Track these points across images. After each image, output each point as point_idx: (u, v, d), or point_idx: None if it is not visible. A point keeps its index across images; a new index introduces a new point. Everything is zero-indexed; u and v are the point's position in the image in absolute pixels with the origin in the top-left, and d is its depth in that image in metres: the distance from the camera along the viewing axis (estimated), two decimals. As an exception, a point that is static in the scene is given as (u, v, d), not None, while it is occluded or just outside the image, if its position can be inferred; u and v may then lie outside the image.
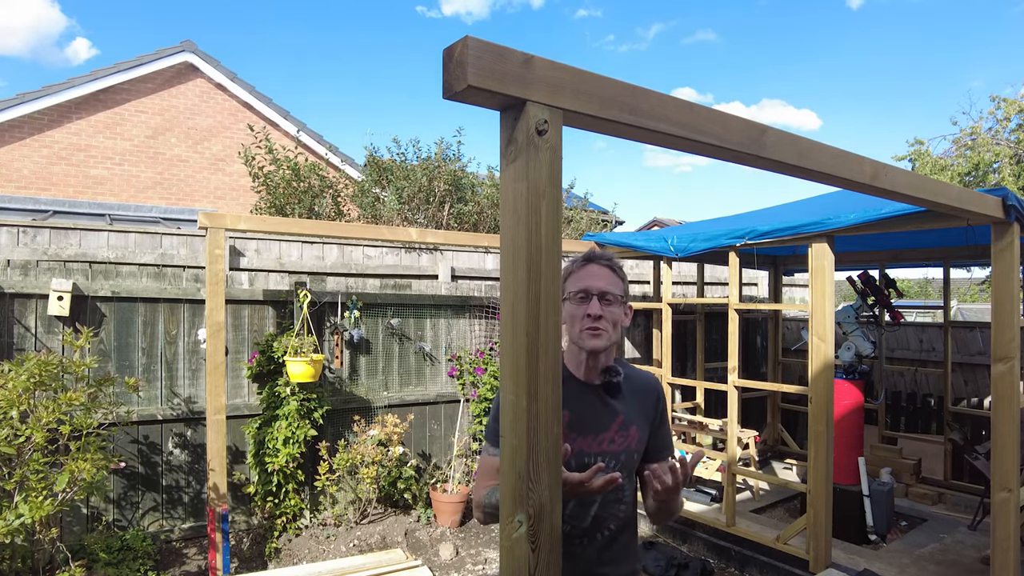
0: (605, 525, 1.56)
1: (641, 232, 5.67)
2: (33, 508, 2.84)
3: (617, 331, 1.56)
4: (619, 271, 1.59)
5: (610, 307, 1.53)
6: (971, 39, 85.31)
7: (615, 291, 1.54)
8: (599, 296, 1.52)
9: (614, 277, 1.56)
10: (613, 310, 1.53)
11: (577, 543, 1.55)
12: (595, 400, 1.57)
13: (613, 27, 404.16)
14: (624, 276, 1.60)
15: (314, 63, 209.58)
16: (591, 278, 1.55)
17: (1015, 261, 2.66)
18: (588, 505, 1.54)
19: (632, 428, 1.57)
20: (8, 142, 8.90)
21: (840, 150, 1.60)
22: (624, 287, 1.58)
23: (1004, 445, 2.70)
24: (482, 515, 1.53)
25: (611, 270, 1.57)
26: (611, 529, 1.57)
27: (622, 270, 1.61)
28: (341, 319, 4.82)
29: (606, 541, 1.56)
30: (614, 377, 1.57)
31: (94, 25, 58.79)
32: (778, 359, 6.20)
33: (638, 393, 1.62)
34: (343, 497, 4.70)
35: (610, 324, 1.53)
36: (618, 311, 1.55)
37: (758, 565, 4.01)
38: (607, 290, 1.53)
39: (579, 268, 1.58)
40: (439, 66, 0.94)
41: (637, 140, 1.21)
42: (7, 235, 4.11)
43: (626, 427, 1.57)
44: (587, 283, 1.54)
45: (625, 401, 1.59)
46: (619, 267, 1.60)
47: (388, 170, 8.11)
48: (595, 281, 1.54)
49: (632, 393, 1.61)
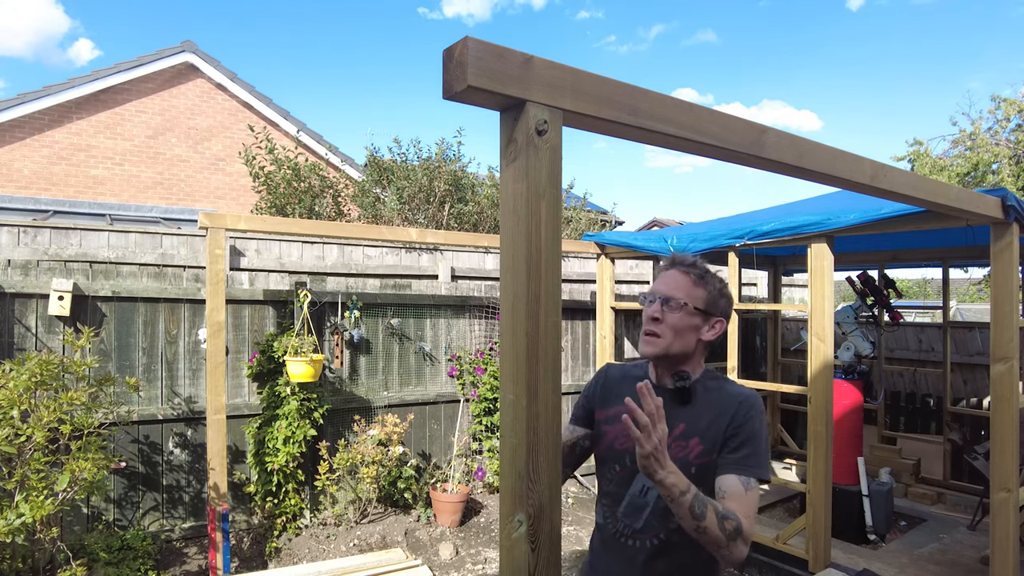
0: (658, 533, 1.48)
1: (641, 232, 5.67)
2: (34, 507, 2.85)
3: (681, 340, 1.50)
4: (701, 279, 1.52)
5: (673, 313, 1.49)
6: (970, 41, 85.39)
7: (683, 298, 1.49)
8: (663, 301, 1.50)
9: (691, 285, 1.51)
10: (677, 316, 1.49)
11: (627, 544, 1.51)
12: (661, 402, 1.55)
13: (614, 28, 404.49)
14: (710, 286, 1.52)
15: (315, 64, 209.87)
16: (663, 281, 1.53)
17: (1014, 261, 2.67)
18: (641, 508, 1.49)
19: (693, 440, 1.47)
20: (9, 142, 8.90)
21: (840, 150, 1.61)
22: (706, 298, 1.51)
23: (1003, 445, 2.71)
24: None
25: (690, 277, 1.52)
26: (662, 539, 1.47)
27: (708, 280, 1.53)
28: (341, 319, 4.83)
29: (656, 550, 1.48)
30: (678, 382, 1.51)
31: (97, 26, 58.79)
32: (777, 359, 6.20)
33: (715, 406, 1.49)
34: (343, 497, 4.70)
35: (669, 330, 1.48)
36: (684, 319, 1.49)
37: (757, 565, 4.02)
38: (672, 296, 1.49)
39: (662, 271, 1.56)
40: (440, 67, 0.95)
41: (637, 140, 1.22)
42: (8, 235, 4.11)
43: (686, 437, 1.47)
44: (657, 286, 1.53)
45: (695, 412, 1.50)
46: (702, 275, 1.53)
47: (388, 170, 8.11)
48: (663, 285, 1.52)
49: (707, 405, 1.50)
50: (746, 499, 1.38)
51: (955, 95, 48.20)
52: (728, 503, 1.37)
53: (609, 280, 5.35)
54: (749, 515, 1.36)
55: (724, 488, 1.40)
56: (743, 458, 1.42)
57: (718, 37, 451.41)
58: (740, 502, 1.37)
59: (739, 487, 1.39)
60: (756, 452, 1.44)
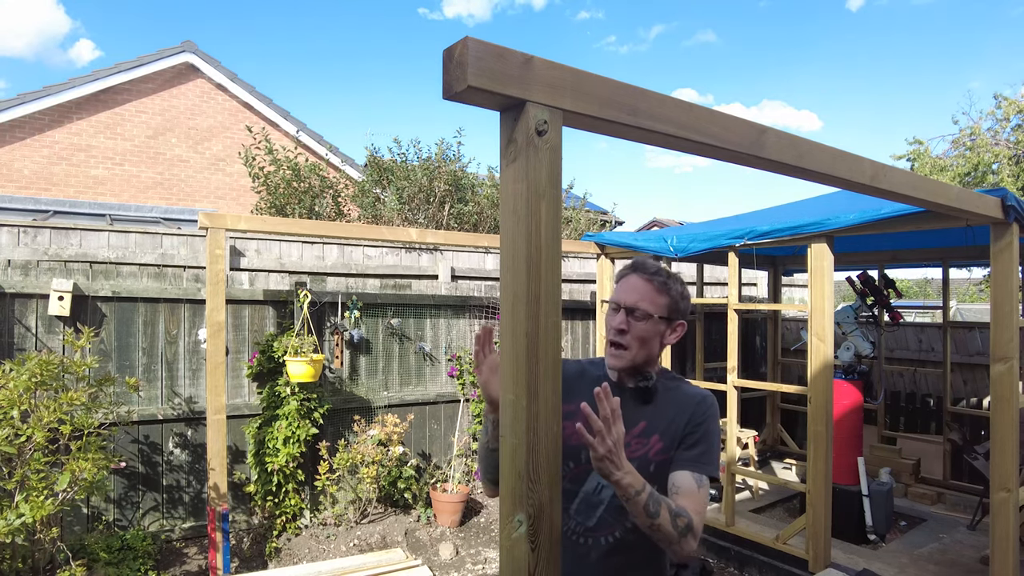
0: (612, 531, 1.48)
1: (641, 232, 5.67)
2: (34, 508, 2.85)
3: (647, 348, 1.49)
4: (664, 286, 1.49)
5: (639, 323, 1.47)
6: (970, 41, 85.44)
7: (648, 308, 1.47)
8: (627, 311, 1.48)
9: (654, 293, 1.48)
10: (643, 326, 1.47)
11: (580, 542, 1.50)
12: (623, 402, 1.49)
13: (614, 28, 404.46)
14: (673, 292, 1.50)
15: (315, 64, 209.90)
16: (626, 290, 1.50)
17: (1014, 261, 2.67)
18: (595, 506, 1.49)
19: (654, 437, 1.49)
20: (9, 142, 8.90)
21: (839, 150, 1.61)
22: (669, 304, 1.49)
23: (1003, 445, 2.71)
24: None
25: (653, 285, 1.49)
26: (617, 537, 1.48)
27: (670, 285, 1.50)
28: (341, 319, 4.83)
29: (610, 548, 1.49)
30: (641, 382, 1.52)
31: (98, 27, 58.79)
32: (777, 359, 6.20)
33: (675, 404, 1.52)
34: (343, 497, 4.70)
35: (635, 341, 1.47)
36: (650, 328, 1.48)
37: (757, 565, 4.02)
38: (637, 306, 1.47)
39: (623, 276, 1.52)
40: (440, 67, 0.95)
41: (637, 141, 1.22)
42: (8, 235, 4.11)
43: (647, 435, 1.49)
44: (620, 295, 1.49)
45: (656, 410, 1.52)
46: (665, 282, 1.50)
47: (388, 170, 8.12)
48: (628, 295, 1.49)
49: (668, 404, 1.52)
50: (698, 496, 1.42)
51: (955, 95, 48.23)
52: (680, 500, 1.39)
53: (609, 280, 5.36)
54: (700, 512, 1.40)
55: (678, 484, 1.43)
56: (698, 456, 1.46)
57: (718, 37, 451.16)
58: (692, 499, 1.40)
59: (692, 484, 1.43)
60: (710, 451, 1.48)
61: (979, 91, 22.16)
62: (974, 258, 5.10)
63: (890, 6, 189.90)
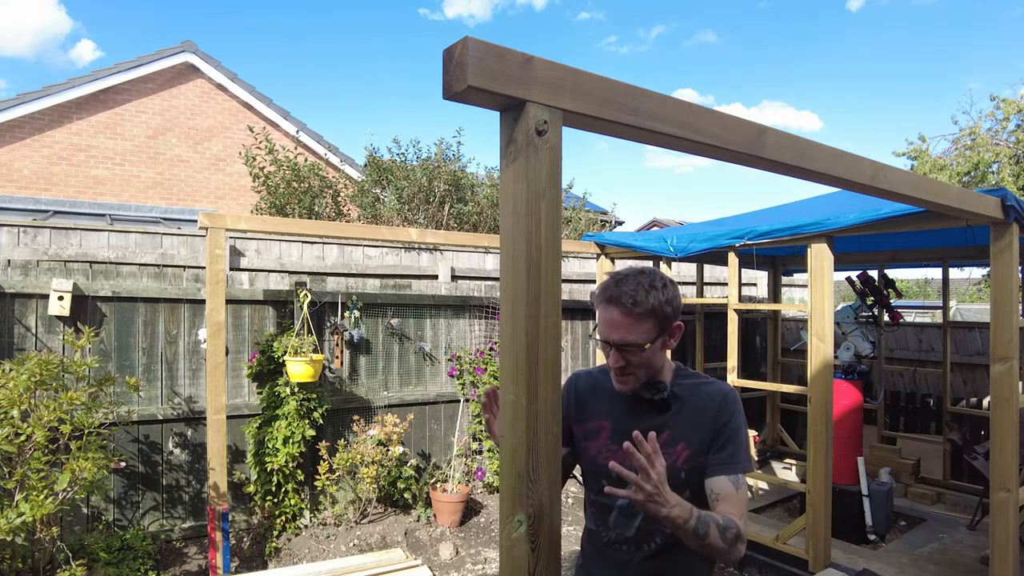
0: (652, 538, 1.50)
1: (641, 232, 5.67)
2: (34, 507, 2.85)
3: (651, 367, 1.48)
4: (646, 312, 1.41)
5: (634, 355, 1.44)
6: (969, 42, 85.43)
7: (637, 340, 1.42)
8: (618, 348, 1.44)
9: (636, 323, 1.42)
10: (639, 356, 1.44)
11: (622, 550, 1.53)
12: (641, 414, 1.51)
13: (615, 29, 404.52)
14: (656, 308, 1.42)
15: (315, 64, 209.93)
16: (610, 326, 1.44)
17: (1014, 261, 2.67)
18: (632, 517, 1.50)
19: (680, 445, 1.47)
20: (9, 142, 8.90)
21: (839, 150, 1.61)
22: (656, 323, 1.43)
23: (1003, 445, 2.71)
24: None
25: (632, 316, 1.41)
26: (657, 543, 1.49)
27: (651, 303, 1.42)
28: (341, 319, 4.83)
29: (651, 553, 1.51)
30: (656, 395, 1.49)
31: (99, 27, 58.76)
32: (777, 359, 6.20)
33: (696, 408, 1.49)
34: (343, 497, 4.70)
35: (637, 368, 1.46)
36: (647, 354, 1.44)
37: (757, 565, 4.02)
38: (625, 341, 1.42)
39: (601, 307, 1.47)
40: (440, 68, 0.95)
41: (637, 141, 1.22)
42: (7, 235, 4.11)
43: (672, 444, 1.47)
44: (605, 332, 1.45)
45: (676, 416, 1.49)
46: (643, 307, 1.41)
47: (388, 170, 8.12)
48: (613, 332, 1.44)
49: (688, 407, 1.49)
50: (738, 498, 1.41)
51: (955, 95, 48.23)
52: (722, 506, 1.39)
53: (609, 280, 5.34)
54: (742, 514, 1.39)
55: (716, 491, 1.42)
56: (729, 456, 1.44)
57: (718, 38, 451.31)
58: (733, 503, 1.39)
59: (731, 488, 1.41)
60: (740, 447, 1.46)
61: (979, 91, 22.15)
62: (974, 258, 5.10)
63: (890, 6, 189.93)
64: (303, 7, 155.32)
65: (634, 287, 1.42)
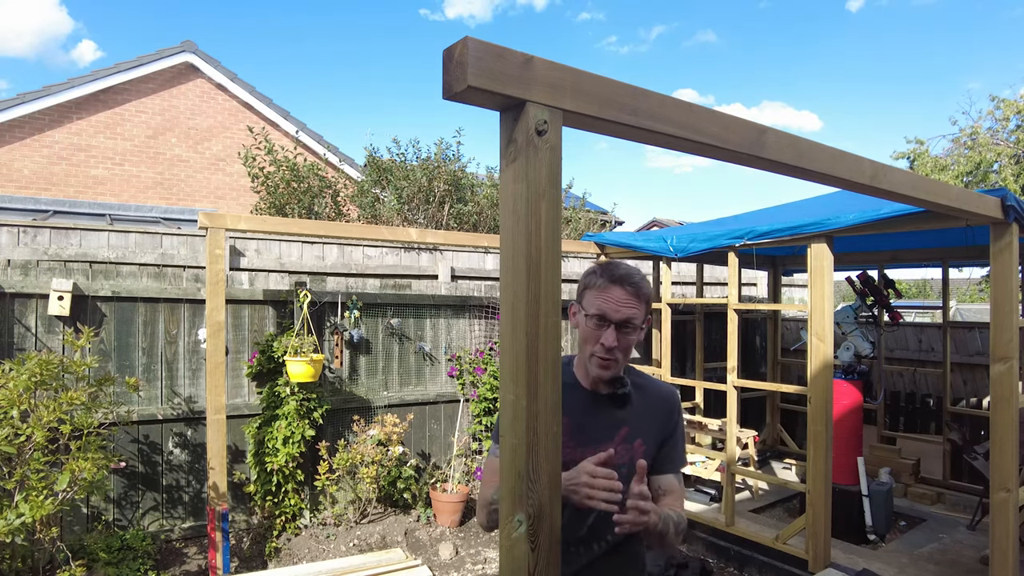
0: (603, 536, 1.50)
1: (641, 232, 5.68)
2: (34, 507, 2.85)
3: (629, 354, 1.48)
4: (644, 293, 1.46)
5: (628, 336, 1.44)
6: (969, 42, 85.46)
7: (637, 322, 1.44)
8: (619, 325, 1.42)
9: (640, 303, 1.44)
10: (631, 338, 1.45)
11: (572, 551, 1.50)
12: (599, 410, 1.51)
13: (615, 29, 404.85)
14: (649, 294, 1.48)
15: (315, 64, 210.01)
16: (614, 304, 1.42)
17: (1014, 261, 2.67)
18: (584, 516, 1.48)
19: (637, 442, 1.50)
20: (8, 142, 8.90)
21: (839, 150, 1.61)
22: (645, 309, 1.47)
23: (1003, 445, 2.71)
24: (486, 515, 1.47)
25: (636, 295, 1.44)
26: (608, 540, 1.50)
27: (648, 289, 1.48)
28: (341, 319, 4.83)
29: (603, 551, 1.51)
30: (619, 389, 1.51)
31: (100, 28, 58.83)
32: (777, 359, 6.20)
33: (651, 405, 1.53)
34: (343, 497, 4.70)
35: (623, 352, 1.45)
36: (635, 338, 1.46)
37: (757, 565, 4.02)
38: (629, 318, 1.42)
39: (602, 287, 1.44)
40: (440, 68, 0.95)
41: (637, 141, 1.22)
42: (7, 235, 4.11)
43: (630, 440, 1.49)
44: (608, 309, 1.42)
45: (634, 412, 1.52)
46: (645, 289, 1.46)
47: (388, 170, 8.12)
48: (617, 309, 1.42)
49: (644, 405, 1.53)
50: (680, 492, 1.56)
51: (955, 95, 48.25)
52: (667, 500, 1.51)
53: (609, 280, 5.35)
54: (683, 506, 1.54)
55: (664, 486, 1.53)
56: (677, 455, 1.57)
57: (718, 38, 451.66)
58: (677, 497, 1.53)
59: (676, 484, 1.55)
60: (681, 446, 1.59)
61: (978, 92, 22.16)
62: (974, 258, 5.10)
63: (890, 6, 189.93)
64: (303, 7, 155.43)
65: (632, 272, 1.48)
